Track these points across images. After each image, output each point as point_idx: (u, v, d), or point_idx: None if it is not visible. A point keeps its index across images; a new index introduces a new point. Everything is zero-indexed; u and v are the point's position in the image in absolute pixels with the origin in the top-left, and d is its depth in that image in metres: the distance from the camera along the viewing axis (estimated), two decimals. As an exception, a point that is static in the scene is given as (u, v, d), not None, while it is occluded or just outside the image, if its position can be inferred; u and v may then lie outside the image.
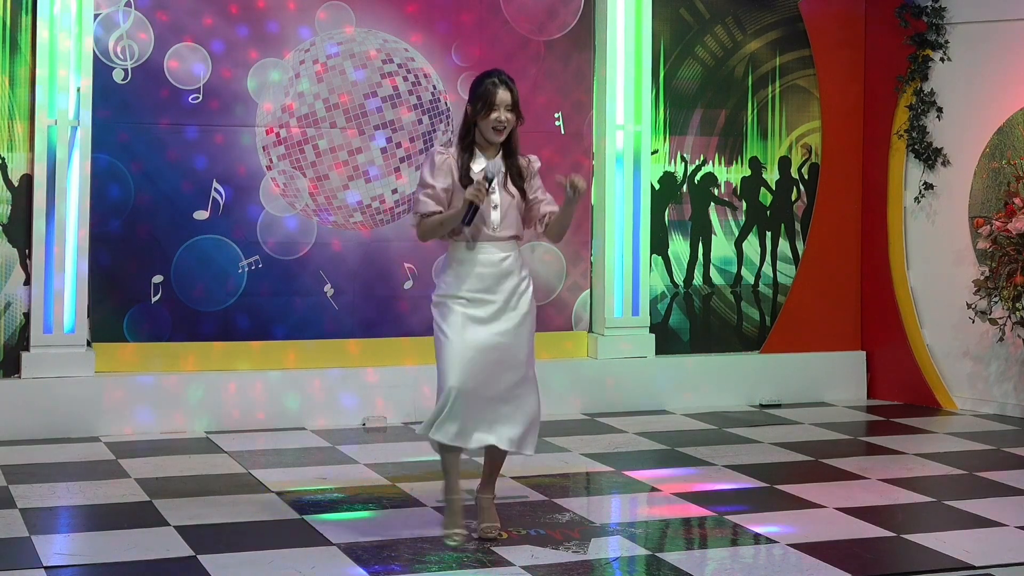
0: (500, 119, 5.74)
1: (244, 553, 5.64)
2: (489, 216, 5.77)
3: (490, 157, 5.81)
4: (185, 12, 8.06)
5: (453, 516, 5.87)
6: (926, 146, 9.31)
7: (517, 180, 5.86)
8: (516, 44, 8.77)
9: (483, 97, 5.75)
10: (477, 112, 5.77)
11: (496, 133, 5.77)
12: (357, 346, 8.46)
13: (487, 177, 5.69)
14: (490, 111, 5.74)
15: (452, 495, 5.88)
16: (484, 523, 5.91)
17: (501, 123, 5.75)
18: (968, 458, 7.69)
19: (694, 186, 9.25)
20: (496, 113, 5.74)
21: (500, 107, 5.74)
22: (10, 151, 7.80)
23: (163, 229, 8.08)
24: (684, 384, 9.13)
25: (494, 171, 5.72)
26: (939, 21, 9.20)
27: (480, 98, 5.76)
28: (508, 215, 5.82)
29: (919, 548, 5.90)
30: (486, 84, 5.77)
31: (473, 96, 5.80)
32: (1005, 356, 8.99)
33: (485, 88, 5.76)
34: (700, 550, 5.99)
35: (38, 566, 5.42)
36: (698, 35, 9.21)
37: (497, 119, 5.74)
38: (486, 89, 5.76)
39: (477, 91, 5.79)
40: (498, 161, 5.77)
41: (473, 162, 5.80)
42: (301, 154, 8.30)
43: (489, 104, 5.74)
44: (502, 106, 5.74)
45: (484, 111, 5.75)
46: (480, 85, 5.79)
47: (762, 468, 7.37)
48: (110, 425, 7.90)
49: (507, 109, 5.76)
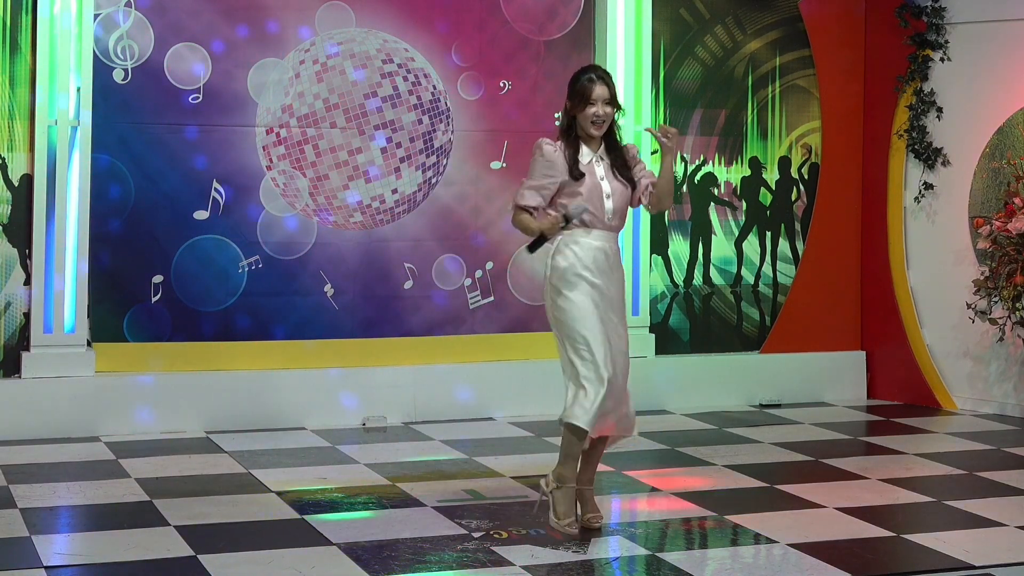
0: (598, 113, 5.89)
1: (244, 553, 5.64)
2: (604, 206, 5.91)
3: (594, 150, 5.96)
4: (185, 12, 8.06)
5: (570, 505, 5.94)
6: (926, 146, 9.31)
7: (624, 171, 6.00)
8: (516, 44, 8.77)
9: (580, 93, 5.90)
10: (575, 107, 5.90)
11: (595, 127, 5.91)
12: (357, 346, 8.46)
13: (567, 215, 5.85)
14: (587, 106, 5.88)
15: (573, 484, 5.95)
16: (589, 513, 6.03)
17: (599, 117, 5.90)
18: (968, 458, 7.70)
19: (694, 186, 9.26)
20: (594, 108, 5.88)
21: (598, 102, 5.88)
22: (10, 151, 7.80)
23: (163, 229, 8.08)
24: (684, 384, 9.13)
25: (577, 213, 5.86)
26: (939, 21, 9.20)
27: (577, 94, 5.91)
28: (618, 205, 5.98)
29: (919, 548, 5.90)
30: (582, 80, 5.92)
31: (571, 92, 5.94)
32: (1005, 356, 8.99)
33: (582, 84, 5.92)
34: (700, 550, 5.99)
35: (38, 566, 5.42)
36: (698, 35, 9.21)
37: (595, 113, 5.88)
38: (583, 85, 5.91)
39: (575, 87, 5.94)
40: (583, 204, 5.89)
41: (579, 154, 5.94)
42: (301, 154, 8.31)
43: (586, 99, 5.88)
44: (599, 101, 5.89)
45: (581, 106, 5.88)
46: (577, 81, 5.95)
47: (762, 468, 7.37)
48: (110, 425, 7.90)
49: (604, 103, 5.89)
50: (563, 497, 5.92)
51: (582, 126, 5.93)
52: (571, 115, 5.95)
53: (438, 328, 8.64)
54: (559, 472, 5.93)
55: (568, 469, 5.92)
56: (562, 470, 5.92)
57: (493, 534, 5.95)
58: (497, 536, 5.92)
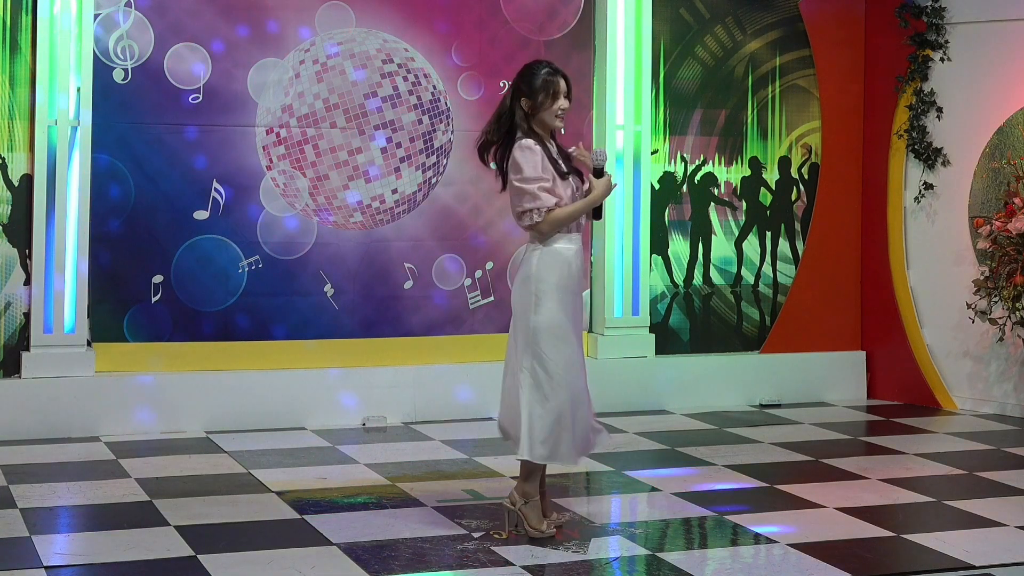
0: (563, 107, 5.81)
1: (244, 553, 5.64)
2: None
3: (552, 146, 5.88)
4: (185, 12, 8.06)
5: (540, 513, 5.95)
6: (926, 146, 9.31)
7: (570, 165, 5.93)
8: (516, 44, 8.76)
9: (546, 88, 5.78)
10: (540, 104, 5.78)
11: (560, 120, 5.83)
12: (357, 346, 8.46)
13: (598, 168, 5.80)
14: (555, 100, 5.78)
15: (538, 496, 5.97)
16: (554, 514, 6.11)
17: (564, 111, 5.82)
18: (968, 458, 7.69)
19: (694, 186, 9.26)
20: (560, 101, 5.79)
21: (561, 95, 5.81)
22: (10, 151, 7.80)
23: (163, 229, 8.08)
24: (684, 384, 9.13)
25: (603, 161, 5.83)
26: (939, 21, 9.20)
27: (542, 89, 5.78)
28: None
29: (919, 548, 5.90)
30: (542, 75, 5.80)
31: (532, 88, 5.79)
32: (1005, 356, 8.99)
33: (544, 79, 5.79)
34: (700, 550, 5.99)
35: (38, 566, 5.42)
36: (698, 35, 9.21)
37: (561, 107, 5.80)
38: (547, 80, 5.79)
39: (535, 83, 5.79)
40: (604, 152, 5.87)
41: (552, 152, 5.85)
42: (301, 154, 8.30)
43: (554, 94, 5.78)
44: (562, 94, 5.81)
45: (549, 101, 5.78)
46: (535, 77, 5.80)
47: (762, 468, 7.37)
48: (110, 425, 7.90)
49: (565, 96, 5.83)
50: (533, 509, 5.91)
51: (545, 121, 5.80)
52: (532, 111, 5.79)
53: (438, 328, 8.64)
54: (524, 489, 5.92)
55: (532, 486, 5.91)
56: (527, 487, 5.91)
57: (493, 534, 5.95)
58: (497, 536, 5.92)
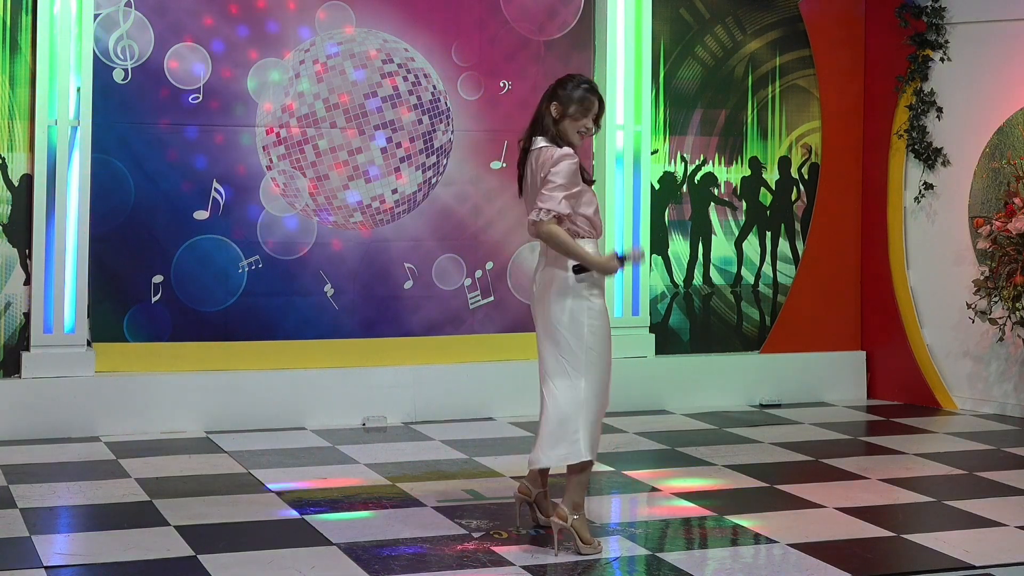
0: (588, 127, 5.80)
1: (244, 553, 5.64)
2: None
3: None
4: (185, 12, 8.06)
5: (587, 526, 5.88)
6: (926, 146, 9.31)
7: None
8: (516, 44, 8.77)
9: (581, 101, 5.76)
10: (570, 114, 5.76)
11: (581, 138, 5.82)
12: (357, 346, 8.46)
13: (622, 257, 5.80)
14: (584, 116, 5.77)
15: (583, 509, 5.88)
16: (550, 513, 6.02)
17: (588, 130, 5.81)
18: (968, 458, 7.69)
19: (694, 186, 9.26)
20: (587, 119, 5.78)
21: (591, 114, 5.79)
22: (10, 151, 7.80)
23: (163, 229, 8.08)
24: (684, 384, 9.13)
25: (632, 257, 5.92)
26: (939, 21, 9.20)
27: (578, 101, 5.76)
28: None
29: (919, 548, 5.90)
30: (582, 88, 5.79)
31: (568, 97, 5.77)
32: (1005, 356, 8.99)
33: (583, 92, 5.78)
34: (700, 550, 5.99)
35: (38, 566, 5.42)
36: (698, 35, 9.21)
37: (585, 125, 5.78)
38: (586, 96, 5.77)
39: (573, 93, 5.78)
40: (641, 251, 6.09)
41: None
42: (301, 154, 8.31)
43: (586, 109, 5.76)
44: (592, 114, 5.79)
45: (580, 115, 5.77)
46: (576, 88, 5.79)
47: (762, 468, 7.37)
48: (110, 425, 7.90)
49: (595, 120, 5.82)
50: (584, 523, 5.79)
51: (567, 132, 5.78)
52: (559, 117, 5.77)
53: (438, 328, 8.64)
54: (574, 500, 5.76)
55: (581, 495, 5.79)
56: (577, 497, 5.76)
57: (493, 534, 5.95)
58: (497, 536, 5.92)
